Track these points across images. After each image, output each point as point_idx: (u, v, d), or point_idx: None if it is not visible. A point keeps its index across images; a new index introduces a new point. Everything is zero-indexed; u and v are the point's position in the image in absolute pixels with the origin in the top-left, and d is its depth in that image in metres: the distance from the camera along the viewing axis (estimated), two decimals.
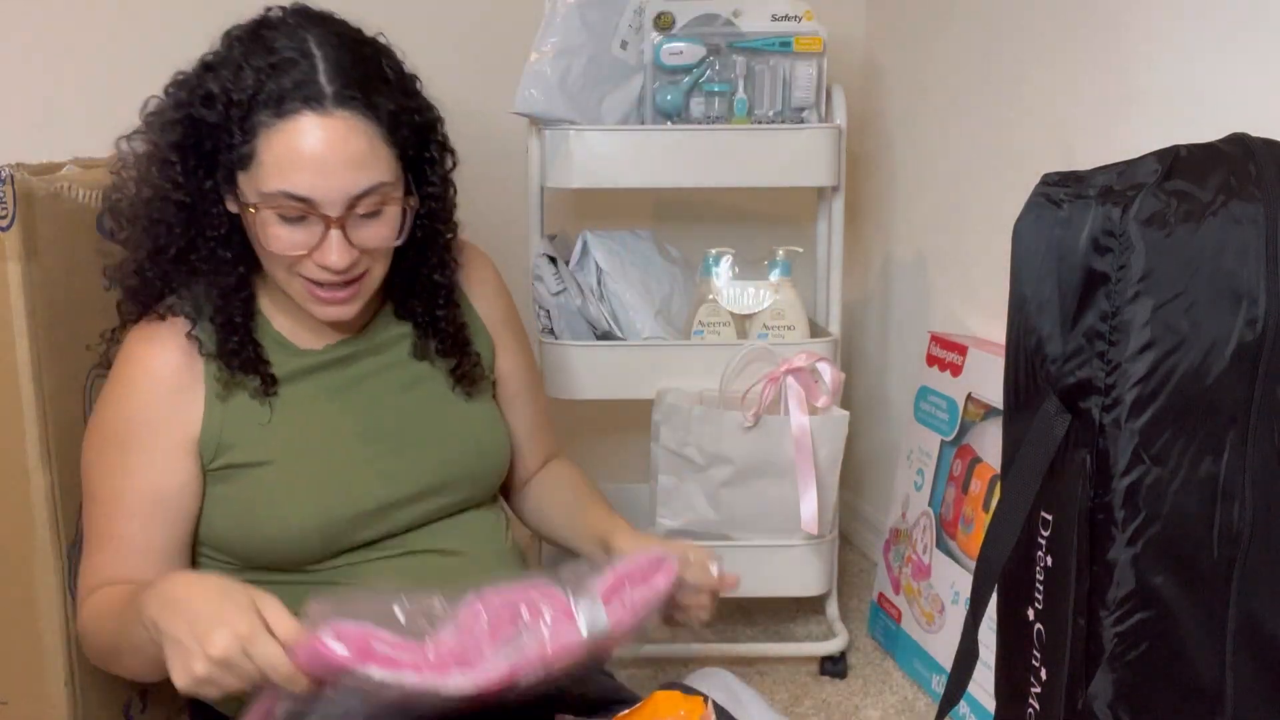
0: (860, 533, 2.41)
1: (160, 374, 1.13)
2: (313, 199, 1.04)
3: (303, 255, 1.07)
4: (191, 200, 1.09)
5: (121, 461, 1.13)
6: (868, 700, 1.81)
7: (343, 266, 1.07)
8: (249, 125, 1.04)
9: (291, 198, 1.04)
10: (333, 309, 1.12)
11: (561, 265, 1.84)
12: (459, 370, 1.24)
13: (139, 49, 2.09)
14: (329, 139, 1.03)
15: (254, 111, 1.03)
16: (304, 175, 1.03)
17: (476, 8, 2.15)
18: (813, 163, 1.78)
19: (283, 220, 1.05)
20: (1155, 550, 0.94)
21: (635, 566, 1.06)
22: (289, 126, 1.03)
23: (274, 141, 1.03)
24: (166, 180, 1.09)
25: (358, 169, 1.05)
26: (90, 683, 1.25)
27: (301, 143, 1.03)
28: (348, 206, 1.05)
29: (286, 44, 1.05)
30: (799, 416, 1.69)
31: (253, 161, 1.04)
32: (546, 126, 1.77)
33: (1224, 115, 1.31)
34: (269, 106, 1.03)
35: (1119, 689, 0.97)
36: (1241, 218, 0.92)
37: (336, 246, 1.06)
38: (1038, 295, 0.98)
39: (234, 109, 1.04)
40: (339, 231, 1.05)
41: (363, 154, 1.05)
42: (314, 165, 1.03)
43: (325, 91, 1.03)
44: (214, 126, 1.05)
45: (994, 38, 1.88)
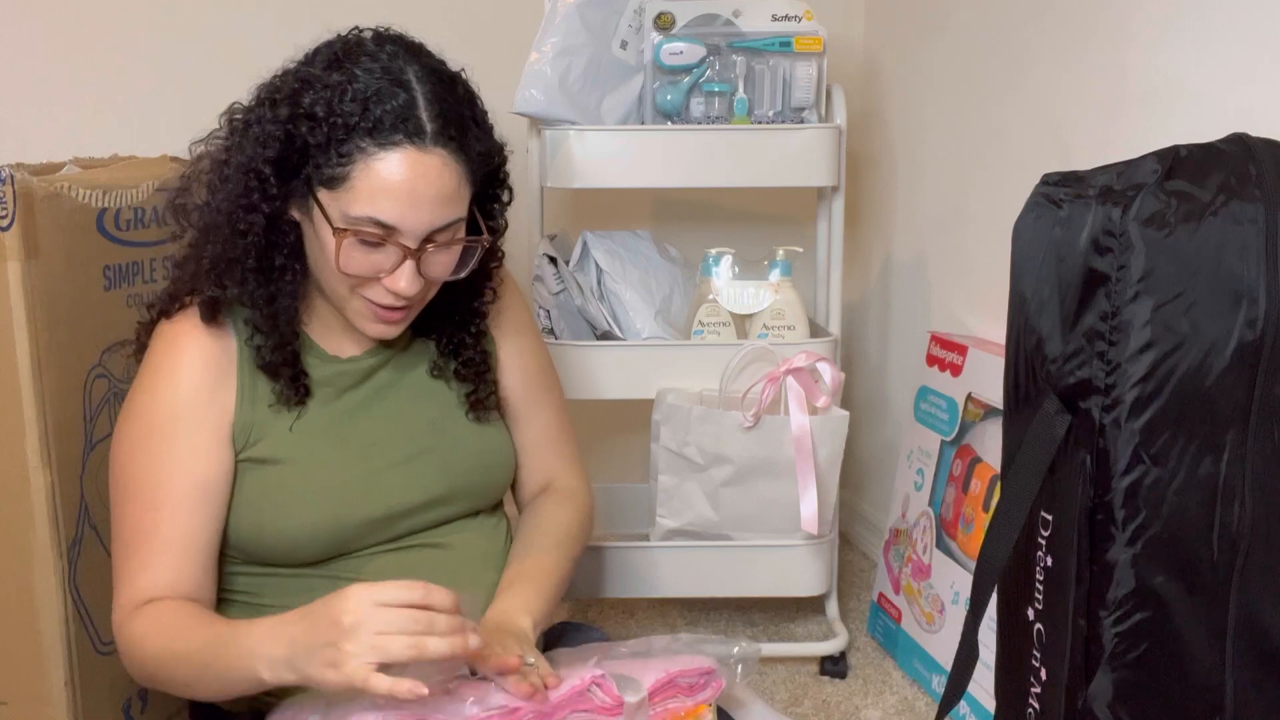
0: (860, 533, 2.41)
1: (199, 362, 1.14)
2: (399, 228, 1.07)
3: (373, 279, 1.10)
4: (273, 211, 1.10)
5: (167, 452, 1.12)
6: (868, 700, 1.81)
7: (411, 294, 1.09)
8: (346, 149, 1.05)
9: (378, 224, 1.06)
10: (385, 327, 1.15)
11: (561, 265, 1.84)
12: (474, 397, 1.25)
13: (139, 49, 2.09)
14: (425, 174, 1.06)
15: (354, 136, 1.05)
16: (395, 205, 1.05)
17: (476, 8, 2.15)
18: (813, 163, 1.78)
19: (362, 244, 1.08)
20: (1155, 550, 0.94)
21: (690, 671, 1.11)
22: (389, 156, 1.05)
23: (371, 168, 1.05)
24: (257, 192, 1.09)
25: (444, 205, 1.08)
26: (90, 683, 1.25)
27: (398, 174, 1.05)
28: (425, 239, 1.08)
29: (387, 73, 1.07)
30: (799, 416, 1.69)
31: (344, 184, 1.06)
32: (546, 126, 1.77)
33: (1224, 115, 1.31)
34: (370, 135, 1.05)
35: (1119, 689, 0.97)
36: (1241, 218, 0.92)
37: (409, 276, 1.08)
38: (1038, 295, 0.98)
39: (337, 130, 1.05)
40: (413, 262, 1.08)
41: (451, 191, 1.08)
42: (406, 197, 1.05)
43: (426, 128, 1.06)
44: (311, 146, 1.06)
45: (994, 38, 1.88)
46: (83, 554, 1.25)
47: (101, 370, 1.29)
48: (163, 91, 2.08)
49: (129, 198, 1.33)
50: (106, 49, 2.08)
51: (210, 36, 2.09)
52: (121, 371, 1.31)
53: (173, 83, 2.08)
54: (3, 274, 1.16)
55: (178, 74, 2.09)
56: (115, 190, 1.31)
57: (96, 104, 2.07)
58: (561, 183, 1.77)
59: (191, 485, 1.12)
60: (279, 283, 1.14)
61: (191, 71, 2.08)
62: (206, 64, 2.07)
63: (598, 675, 1.06)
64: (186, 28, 2.10)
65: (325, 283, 1.14)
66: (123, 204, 1.32)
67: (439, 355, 1.25)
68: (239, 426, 1.15)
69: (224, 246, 1.11)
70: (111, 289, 1.31)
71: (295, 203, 1.11)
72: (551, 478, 1.35)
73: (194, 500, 1.12)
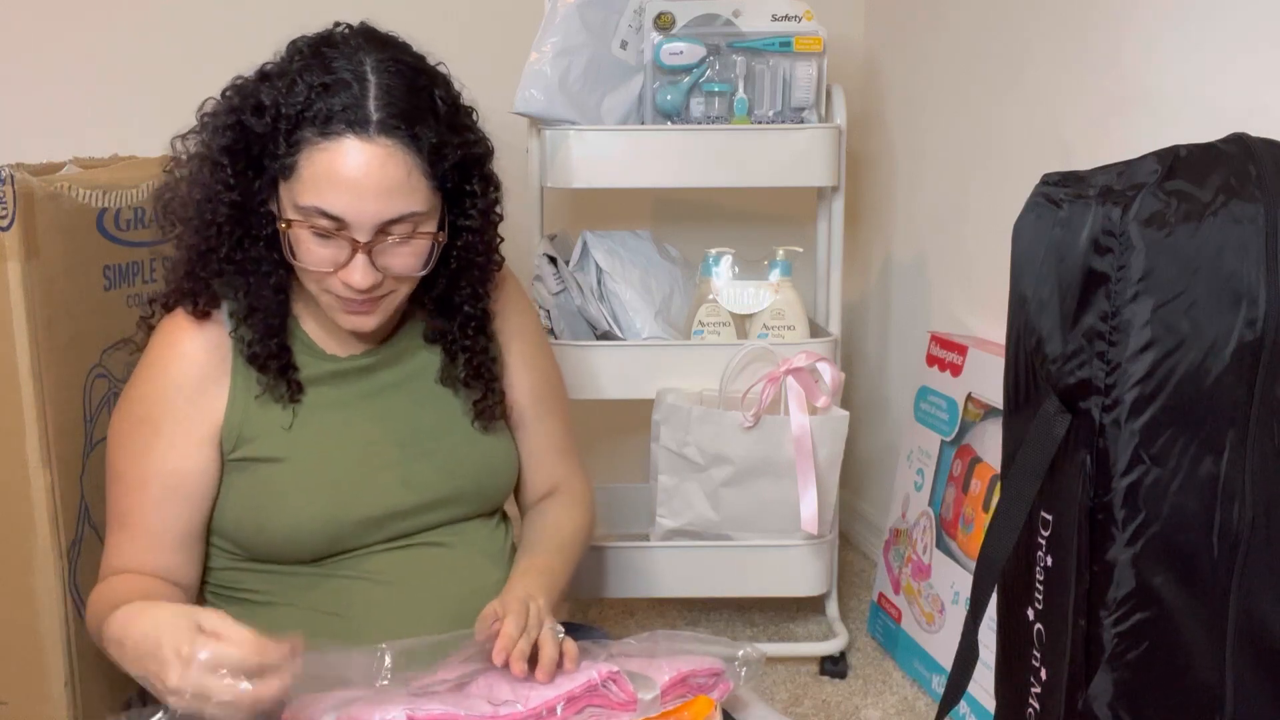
0: (860, 533, 2.41)
1: (191, 360, 1.16)
2: (345, 219, 1.07)
3: (329, 272, 1.10)
4: (241, 200, 1.11)
5: (145, 445, 1.15)
6: (868, 700, 1.81)
7: (364, 287, 1.09)
8: (294, 139, 1.06)
9: (324, 215, 1.07)
10: (355, 319, 1.14)
11: (561, 265, 1.84)
12: (481, 404, 1.25)
13: (139, 49, 2.09)
14: (367, 164, 1.05)
15: (300, 127, 1.06)
16: (339, 195, 1.06)
17: (476, 8, 2.15)
18: (813, 163, 1.78)
19: (314, 236, 1.08)
20: (1155, 550, 0.94)
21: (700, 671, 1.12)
22: (331, 146, 1.05)
23: (315, 158, 1.06)
24: (218, 182, 1.11)
25: (391, 196, 1.07)
26: (90, 683, 1.25)
27: (340, 163, 1.05)
28: (377, 231, 1.08)
29: (344, 65, 1.08)
30: (799, 416, 1.69)
31: (293, 174, 1.07)
32: (546, 126, 1.77)
33: (1224, 115, 1.31)
34: (315, 124, 1.06)
35: (1119, 689, 0.97)
36: (1241, 218, 0.92)
37: (360, 269, 1.08)
38: (1038, 295, 0.98)
39: (281, 121, 1.07)
40: (365, 255, 1.08)
41: (398, 182, 1.07)
42: (349, 187, 1.06)
43: (371, 118, 1.06)
44: (261, 135, 1.08)
45: (994, 38, 1.88)
46: (83, 554, 1.25)
47: (101, 370, 1.29)
48: (163, 91, 2.07)
49: (129, 198, 1.33)
50: (106, 49, 2.08)
51: (210, 37, 2.09)
52: (121, 371, 1.31)
53: (172, 83, 2.07)
54: (3, 274, 1.16)
55: (177, 74, 2.08)
56: (115, 190, 1.31)
57: (96, 104, 2.07)
58: (561, 183, 1.77)
59: (165, 480, 1.15)
60: (257, 274, 1.15)
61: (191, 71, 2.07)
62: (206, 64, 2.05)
63: (613, 671, 1.06)
64: (186, 28, 2.10)
65: (300, 277, 1.15)
66: (123, 204, 1.32)
67: (445, 360, 1.25)
68: (229, 426, 1.15)
69: (198, 237, 1.13)
70: (111, 289, 1.31)
71: (270, 196, 1.12)
72: (556, 483, 1.36)
73: (166, 494, 1.15)
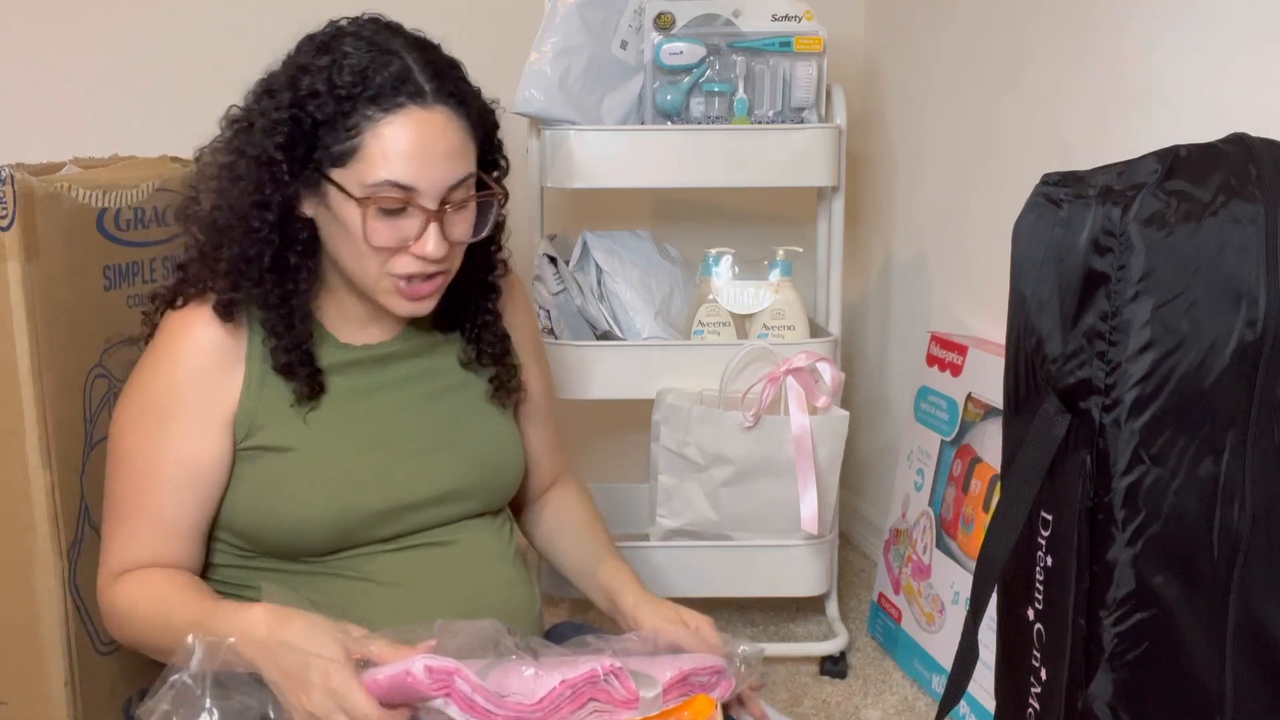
0: (860, 533, 2.41)
1: (205, 349, 1.15)
2: (416, 187, 1.09)
3: (400, 249, 1.11)
4: (285, 207, 1.12)
5: (159, 431, 1.14)
6: (868, 700, 1.81)
7: (440, 256, 1.11)
8: (352, 121, 1.08)
9: (397, 186, 1.08)
10: (416, 303, 1.16)
11: (561, 265, 1.84)
12: (498, 380, 1.28)
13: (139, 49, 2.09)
14: (432, 131, 1.09)
15: (358, 107, 1.08)
16: (409, 165, 1.08)
17: (476, 8, 2.15)
18: (813, 163, 1.78)
19: (383, 214, 1.09)
20: (1155, 550, 0.94)
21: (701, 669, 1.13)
22: (395, 119, 1.08)
23: (381, 133, 1.08)
24: (269, 184, 1.10)
25: (455, 159, 1.11)
26: (90, 683, 1.25)
27: (408, 134, 1.08)
28: (442, 199, 1.11)
29: (374, 46, 1.10)
30: (799, 416, 1.69)
31: (355, 156, 1.08)
32: (546, 126, 1.77)
33: (1224, 115, 1.31)
34: (373, 101, 1.08)
35: (1119, 689, 0.97)
36: (1241, 218, 0.92)
37: (435, 238, 1.11)
38: (1038, 295, 0.98)
39: (341, 104, 1.08)
40: (437, 224, 1.11)
41: (459, 146, 1.11)
42: (419, 155, 1.08)
43: (425, 88, 1.09)
44: (315, 126, 1.09)
45: (994, 38, 1.88)
46: (83, 554, 1.25)
47: (101, 370, 1.29)
48: (163, 91, 2.08)
49: (129, 198, 1.33)
50: (106, 49, 2.08)
51: (210, 37, 2.09)
52: (121, 371, 1.31)
53: (173, 83, 2.08)
54: (3, 274, 1.16)
55: (178, 74, 2.09)
56: (115, 190, 1.31)
57: (96, 104, 2.07)
58: (561, 183, 1.77)
59: (180, 466, 1.14)
60: (295, 281, 1.15)
61: (191, 72, 2.08)
62: (206, 64, 2.06)
63: (615, 666, 1.07)
64: (186, 28, 2.10)
65: (352, 269, 1.14)
66: (123, 204, 1.32)
67: (464, 342, 1.28)
68: (242, 414, 1.15)
69: (240, 246, 1.13)
70: (111, 289, 1.31)
71: (307, 197, 1.13)
72: (556, 475, 1.43)
73: (180, 481, 1.14)
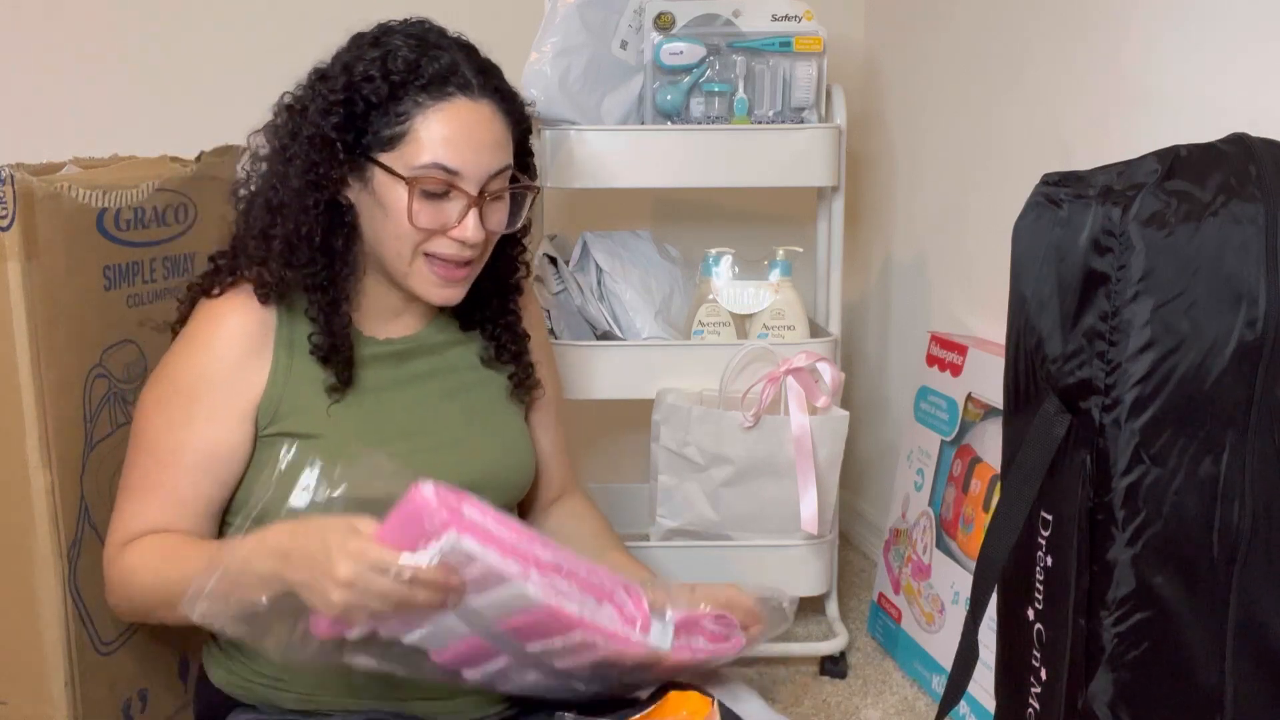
0: (860, 533, 2.41)
1: (236, 336, 1.18)
2: (461, 172, 1.14)
3: (440, 231, 1.15)
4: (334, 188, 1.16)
5: (185, 417, 1.17)
6: (868, 700, 1.81)
7: (478, 240, 1.16)
8: (403, 107, 1.14)
9: (443, 169, 1.14)
10: (447, 290, 1.20)
11: (561, 265, 1.84)
12: (516, 378, 1.31)
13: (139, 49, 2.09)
14: (479, 121, 1.16)
15: (409, 93, 1.14)
16: (456, 151, 1.14)
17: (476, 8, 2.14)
18: (813, 163, 1.78)
19: (426, 196, 1.14)
20: (1155, 550, 0.94)
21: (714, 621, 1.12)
22: (446, 106, 1.14)
23: (431, 119, 1.14)
24: (324, 164, 1.15)
25: (498, 150, 1.17)
26: (90, 683, 1.25)
27: (457, 121, 1.14)
28: (482, 186, 1.16)
29: (422, 42, 1.16)
30: (799, 416, 1.69)
31: (404, 140, 1.14)
32: (547, 126, 1.77)
33: (1224, 115, 1.31)
34: (425, 89, 1.14)
35: (1119, 689, 0.97)
36: (1241, 218, 0.92)
37: (474, 223, 1.16)
38: (1038, 295, 0.98)
39: (394, 89, 1.14)
40: (477, 210, 1.16)
41: (501, 137, 1.18)
42: (466, 142, 1.15)
43: (473, 82, 1.16)
44: (371, 107, 1.14)
45: (994, 37, 1.88)
46: (83, 554, 1.25)
47: (101, 370, 1.29)
48: (163, 91, 2.08)
49: (129, 198, 1.33)
50: (106, 49, 2.08)
51: (210, 37, 2.09)
52: (121, 371, 1.31)
53: (172, 83, 2.08)
54: (3, 274, 1.16)
55: (177, 74, 2.09)
56: (115, 190, 1.31)
57: (96, 104, 2.07)
58: (561, 183, 1.77)
59: (201, 453, 1.16)
60: (341, 264, 1.18)
61: (191, 72, 2.08)
62: (206, 64, 2.07)
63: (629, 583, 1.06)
64: (186, 28, 2.10)
65: (390, 253, 1.17)
66: (123, 204, 1.32)
67: (485, 342, 1.31)
68: (267, 402, 1.17)
69: (295, 223, 1.16)
70: (111, 289, 1.31)
71: (351, 182, 1.17)
72: (565, 484, 1.45)
73: (204, 466, 1.17)
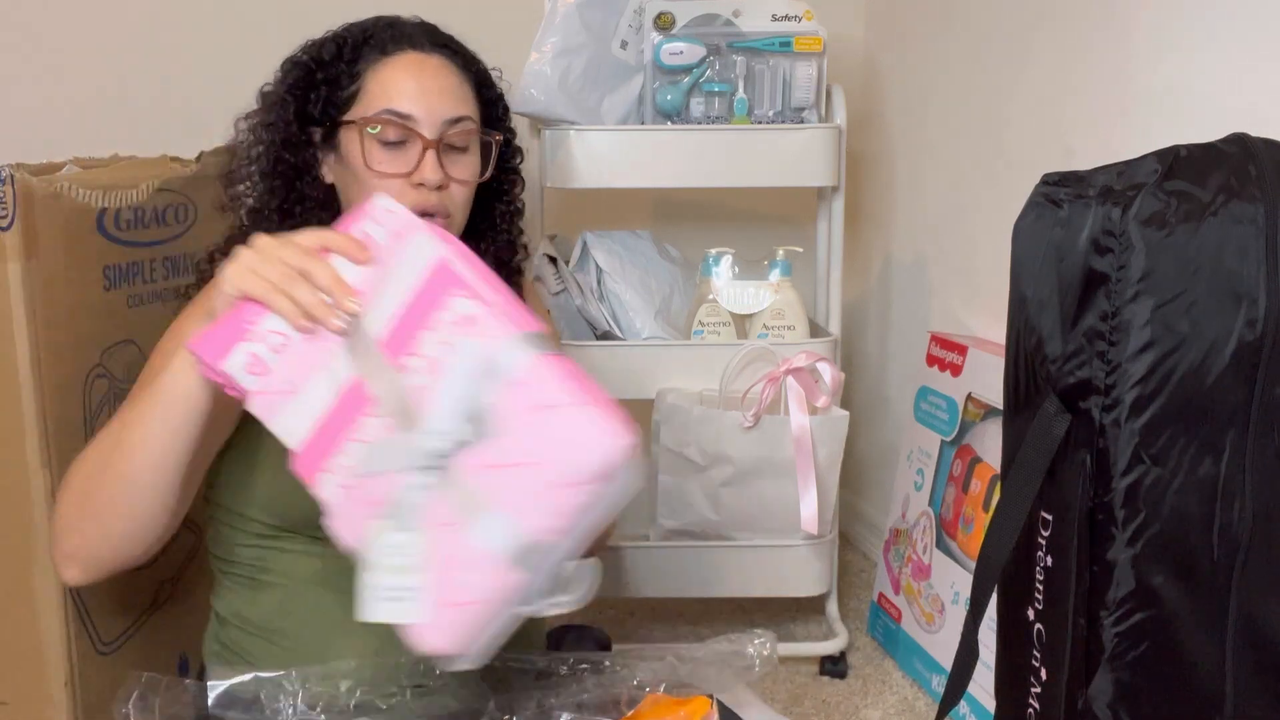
0: (860, 533, 2.41)
1: None
2: (414, 115, 1.18)
3: (402, 176, 1.18)
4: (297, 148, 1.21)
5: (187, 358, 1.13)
6: (868, 700, 1.81)
7: (436, 183, 1.18)
8: (357, 68, 1.20)
9: (395, 114, 1.18)
10: None
11: (561, 265, 1.84)
12: None
13: (139, 49, 2.09)
14: (428, 69, 1.21)
15: (362, 55, 1.20)
16: (406, 96, 1.18)
17: (477, 8, 2.14)
18: (813, 163, 1.78)
19: (384, 145, 1.18)
20: (1155, 550, 0.94)
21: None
22: (394, 60, 1.20)
23: (381, 72, 1.20)
24: (282, 123, 1.20)
25: (451, 96, 1.21)
26: (90, 683, 1.25)
27: (405, 70, 1.20)
28: (440, 132, 1.19)
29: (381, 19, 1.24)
30: (799, 416, 1.69)
31: (359, 96, 1.19)
32: (546, 126, 1.77)
33: (1224, 115, 1.31)
34: (376, 49, 1.20)
35: (1119, 689, 0.97)
36: (1241, 218, 0.92)
37: (432, 164, 1.18)
38: (1038, 295, 0.98)
39: (346, 50, 1.21)
40: (434, 152, 1.18)
41: (455, 86, 1.22)
42: (415, 87, 1.19)
43: (423, 39, 1.22)
44: (329, 72, 1.20)
45: (994, 37, 1.88)
46: None
47: (101, 370, 1.29)
48: (163, 91, 2.08)
49: (129, 198, 1.33)
50: (106, 49, 2.08)
51: (210, 37, 2.09)
52: (122, 371, 1.31)
53: (173, 83, 2.08)
54: (3, 274, 1.15)
55: (178, 74, 2.09)
56: (115, 190, 1.31)
57: (96, 104, 2.07)
58: (561, 183, 1.77)
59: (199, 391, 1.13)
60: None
61: (191, 72, 2.08)
62: (206, 64, 2.07)
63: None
64: (186, 28, 2.10)
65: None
66: (123, 204, 1.32)
67: None
68: None
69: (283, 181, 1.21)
70: (111, 289, 1.31)
71: (326, 155, 1.21)
72: None
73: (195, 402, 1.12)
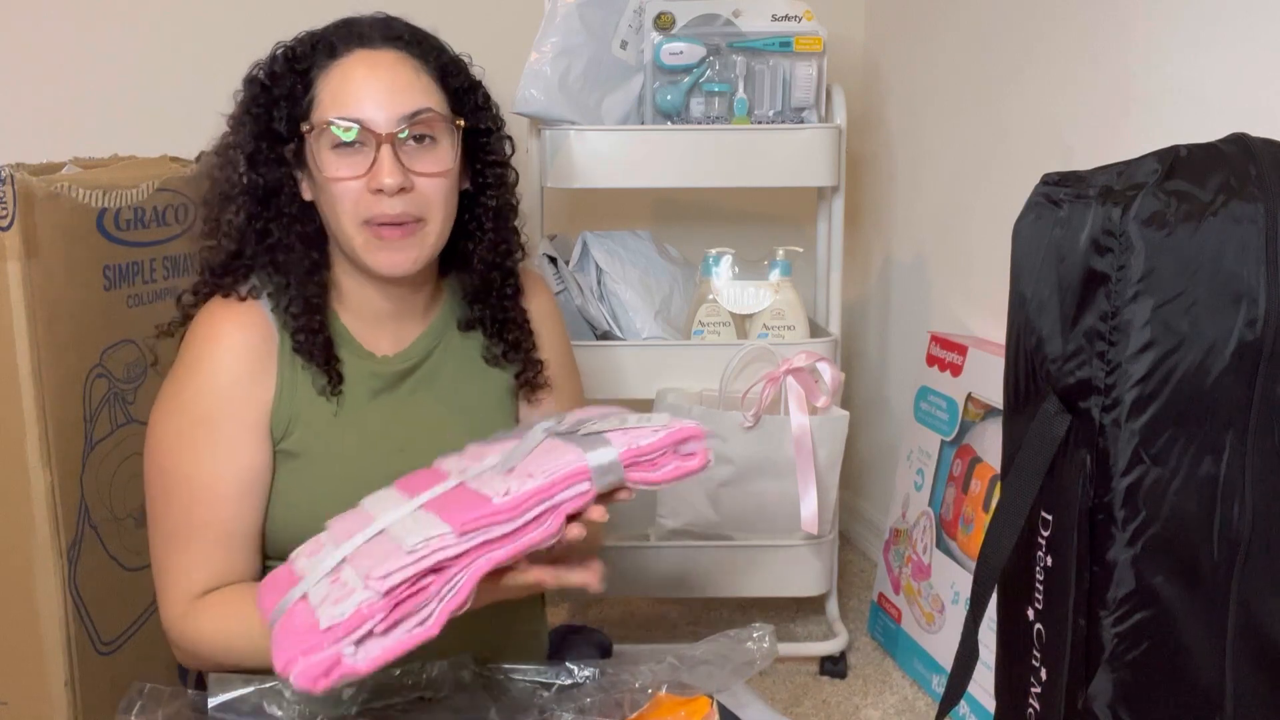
0: (860, 533, 2.41)
1: (239, 351, 1.14)
2: (362, 118, 1.11)
3: (359, 180, 1.11)
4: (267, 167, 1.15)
5: (211, 446, 1.11)
6: (868, 700, 1.81)
7: (395, 185, 1.10)
8: (310, 77, 1.14)
9: (345, 119, 1.11)
10: (393, 255, 1.13)
11: (561, 265, 1.84)
12: (523, 376, 1.26)
13: (139, 49, 2.09)
14: (378, 65, 1.13)
15: (314, 63, 1.14)
16: (354, 98, 1.12)
17: (476, 8, 2.15)
18: (813, 163, 1.78)
19: (339, 151, 1.11)
20: (1155, 550, 0.94)
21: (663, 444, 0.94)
22: (343, 61, 1.13)
23: (330, 78, 1.13)
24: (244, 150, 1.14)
25: (404, 92, 1.13)
26: (90, 683, 1.25)
27: (350, 72, 1.13)
28: (395, 129, 1.11)
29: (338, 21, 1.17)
30: (799, 416, 1.69)
31: (315, 104, 1.13)
32: (546, 126, 1.77)
33: (1224, 115, 1.31)
34: (325, 53, 1.14)
35: (1119, 689, 0.97)
36: (1241, 218, 0.92)
37: (388, 163, 1.10)
38: (1038, 295, 0.98)
39: (297, 60, 1.14)
40: (389, 147, 1.10)
41: (408, 80, 1.13)
42: (364, 88, 1.12)
43: (373, 35, 1.15)
44: (280, 80, 1.14)
45: (994, 38, 1.88)
46: (83, 554, 1.25)
47: (101, 370, 1.29)
48: (163, 91, 2.08)
49: (129, 198, 1.33)
50: (106, 49, 2.08)
51: (210, 37, 2.09)
52: (122, 372, 1.31)
53: (173, 83, 2.08)
54: (3, 274, 1.16)
55: (178, 74, 2.09)
56: (115, 190, 1.31)
57: (96, 104, 2.07)
58: (561, 183, 1.77)
59: (236, 478, 1.12)
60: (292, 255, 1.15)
61: (191, 72, 2.08)
62: (206, 64, 2.06)
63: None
64: (186, 28, 2.10)
65: (340, 232, 1.14)
66: (123, 204, 1.32)
67: (486, 340, 1.26)
68: (277, 417, 1.14)
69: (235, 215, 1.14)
70: (111, 289, 1.31)
71: (302, 177, 1.16)
72: None
73: (239, 492, 1.12)
